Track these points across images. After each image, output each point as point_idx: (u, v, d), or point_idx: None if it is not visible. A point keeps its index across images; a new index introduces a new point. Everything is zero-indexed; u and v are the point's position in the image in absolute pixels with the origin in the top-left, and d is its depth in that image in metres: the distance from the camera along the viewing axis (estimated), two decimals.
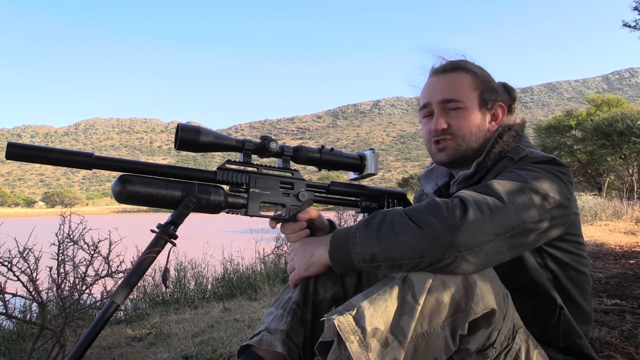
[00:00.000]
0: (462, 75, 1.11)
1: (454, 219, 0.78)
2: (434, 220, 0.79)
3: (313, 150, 1.13)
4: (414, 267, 0.82)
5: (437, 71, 1.15)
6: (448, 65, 1.14)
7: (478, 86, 1.10)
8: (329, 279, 1.13)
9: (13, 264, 1.86)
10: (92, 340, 0.88)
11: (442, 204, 0.82)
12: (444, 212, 0.80)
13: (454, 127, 1.10)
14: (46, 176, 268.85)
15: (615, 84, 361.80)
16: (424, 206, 0.83)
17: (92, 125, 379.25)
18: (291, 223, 1.10)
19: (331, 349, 0.78)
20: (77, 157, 0.86)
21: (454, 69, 1.12)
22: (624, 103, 22.60)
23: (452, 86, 1.10)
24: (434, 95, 1.12)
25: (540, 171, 0.93)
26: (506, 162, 1.02)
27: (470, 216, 0.79)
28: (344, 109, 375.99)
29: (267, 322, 1.07)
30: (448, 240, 0.78)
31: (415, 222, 0.81)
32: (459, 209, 0.80)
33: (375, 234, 0.84)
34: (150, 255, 0.93)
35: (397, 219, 0.83)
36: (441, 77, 1.13)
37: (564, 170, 0.95)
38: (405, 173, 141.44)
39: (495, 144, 1.08)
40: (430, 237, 0.79)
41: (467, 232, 0.78)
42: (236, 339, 2.10)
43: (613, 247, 5.07)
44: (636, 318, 2.03)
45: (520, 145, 1.06)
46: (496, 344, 0.86)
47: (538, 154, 1.00)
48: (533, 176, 0.90)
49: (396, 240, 0.82)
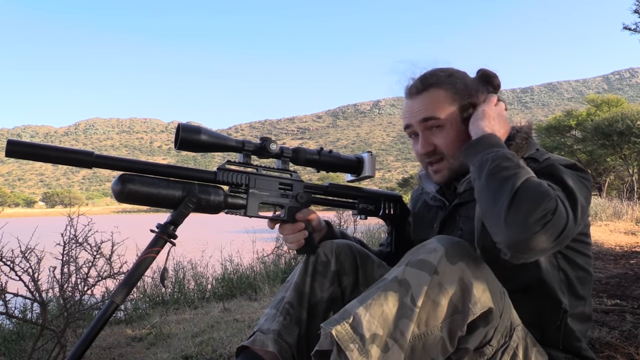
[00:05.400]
0: (435, 93, 1.07)
1: (539, 233, 0.76)
2: (532, 216, 0.76)
3: (312, 152, 1.13)
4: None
5: (411, 93, 1.11)
6: (419, 86, 1.10)
7: (455, 99, 1.07)
8: (325, 279, 1.13)
9: (15, 264, 1.87)
10: (91, 340, 0.88)
11: (557, 205, 0.78)
12: (548, 216, 0.76)
13: (440, 147, 1.08)
14: (46, 176, 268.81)
15: (615, 84, 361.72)
16: (541, 193, 0.79)
17: (92, 125, 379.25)
18: (290, 224, 1.11)
19: (331, 358, 0.78)
20: (78, 155, 0.86)
21: (425, 88, 1.08)
22: (624, 103, 22.62)
23: (428, 105, 1.07)
24: (413, 116, 1.10)
25: (573, 176, 0.92)
26: (531, 164, 0.98)
27: (557, 228, 0.77)
28: (344, 109, 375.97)
29: (261, 323, 1.10)
30: (522, 243, 0.77)
31: (516, 203, 0.78)
32: (563, 218, 0.78)
33: (487, 179, 0.85)
34: (150, 255, 0.93)
35: (506, 187, 0.81)
36: (416, 98, 1.09)
37: (586, 176, 0.95)
38: (405, 173, 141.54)
39: (508, 145, 1.05)
40: (510, 229, 0.77)
41: (541, 241, 0.77)
42: (236, 339, 2.10)
43: (613, 247, 5.07)
44: (636, 318, 2.03)
45: (533, 148, 1.04)
46: (493, 341, 0.86)
47: (559, 158, 0.99)
48: (574, 179, 0.90)
49: (489, 200, 0.83)
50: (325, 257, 1.15)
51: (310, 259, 1.15)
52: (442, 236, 0.89)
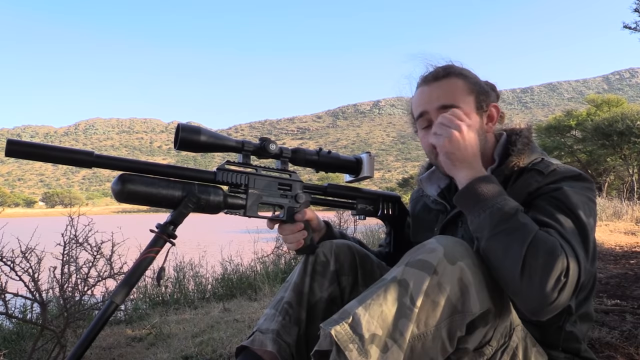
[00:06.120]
0: (456, 81, 1.07)
1: (557, 299, 0.79)
2: (548, 285, 0.78)
3: (311, 152, 1.13)
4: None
5: (429, 79, 1.10)
6: (440, 72, 1.09)
7: (472, 90, 1.07)
8: (325, 279, 1.13)
9: (15, 264, 1.87)
10: (91, 340, 0.88)
11: (568, 262, 0.79)
12: (561, 279, 0.78)
13: None
14: (46, 176, 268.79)
15: (615, 84, 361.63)
16: (550, 255, 0.80)
17: (92, 125, 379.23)
18: (289, 224, 1.11)
19: (330, 359, 0.78)
20: (78, 155, 0.86)
21: (446, 75, 1.08)
22: (624, 103, 22.60)
23: (449, 92, 1.06)
24: (430, 102, 1.07)
25: (581, 191, 0.93)
26: (536, 176, 0.97)
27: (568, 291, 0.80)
28: (344, 109, 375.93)
29: (260, 323, 1.10)
30: (543, 311, 0.80)
31: (528, 270, 0.79)
32: (569, 288, 0.79)
33: (491, 239, 0.85)
34: (150, 255, 0.93)
35: (517, 245, 0.82)
36: (435, 84, 1.08)
37: (592, 187, 0.96)
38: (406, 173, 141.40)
39: (509, 151, 1.06)
40: (528, 299, 0.80)
41: (561, 302, 0.79)
42: (236, 339, 2.10)
43: (613, 247, 5.07)
44: (636, 318, 2.03)
45: (535, 153, 1.04)
46: (492, 341, 0.86)
47: (565, 168, 0.98)
48: (583, 201, 0.91)
49: (499, 260, 0.84)
50: (324, 257, 1.15)
51: (310, 259, 1.15)
52: (441, 236, 0.89)
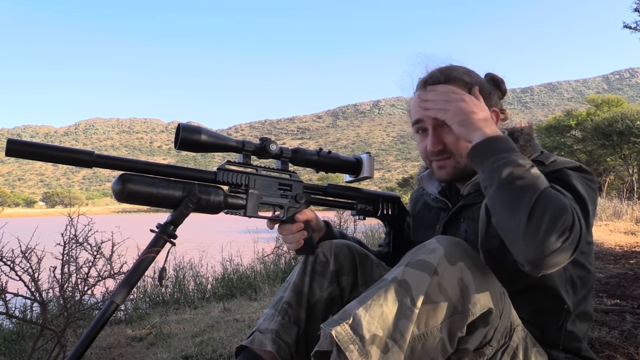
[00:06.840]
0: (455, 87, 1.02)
1: (558, 250, 0.75)
2: (553, 234, 0.74)
3: (311, 152, 1.14)
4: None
5: (428, 84, 1.05)
6: (440, 77, 1.04)
7: None
8: (324, 279, 1.13)
9: (15, 264, 1.87)
10: (91, 340, 0.88)
11: (574, 219, 0.76)
12: (566, 232, 0.75)
13: (450, 145, 1.03)
14: (46, 176, 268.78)
15: (615, 84, 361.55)
16: (560, 207, 0.76)
17: (92, 125, 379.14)
18: (289, 224, 1.11)
19: (330, 359, 0.78)
20: (78, 155, 0.86)
21: (446, 81, 1.03)
22: (624, 103, 22.62)
23: None
24: (427, 110, 1.02)
25: (581, 180, 0.92)
26: (538, 167, 0.94)
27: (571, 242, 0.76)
28: (344, 109, 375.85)
29: (260, 323, 1.10)
30: (542, 261, 0.75)
31: (536, 217, 0.75)
32: (576, 238, 0.76)
33: (500, 188, 0.81)
34: (150, 255, 0.93)
35: (527, 195, 0.77)
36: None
37: (593, 178, 0.95)
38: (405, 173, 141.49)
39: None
40: (530, 246, 0.76)
41: (561, 258, 0.76)
42: (236, 339, 2.10)
43: (613, 247, 5.07)
44: (636, 318, 2.03)
45: (536, 150, 1.03)
46: (493, 341, 0.86)
47: (564, 160, 0.98)
48: (583, 184, 0.90)
49: (504, 211, 0.80)
50: (324, 257, 1.15)
51: (309, 259, 1.15)
52: (442, 236, 0.89)
